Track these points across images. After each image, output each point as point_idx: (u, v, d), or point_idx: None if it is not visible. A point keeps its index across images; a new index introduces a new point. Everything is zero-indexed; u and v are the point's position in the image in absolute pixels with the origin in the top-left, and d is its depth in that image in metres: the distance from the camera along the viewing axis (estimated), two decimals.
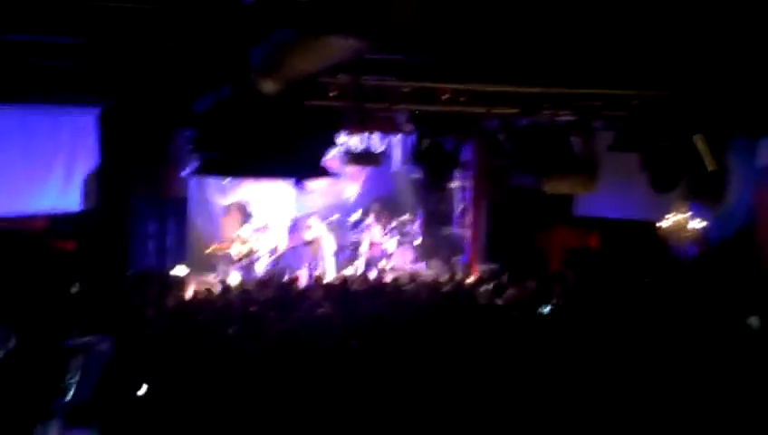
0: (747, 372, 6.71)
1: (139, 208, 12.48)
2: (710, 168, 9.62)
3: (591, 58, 6.99)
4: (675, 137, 9.38)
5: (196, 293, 10.42)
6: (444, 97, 9.93)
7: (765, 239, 11.81)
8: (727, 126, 9.68)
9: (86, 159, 11.86)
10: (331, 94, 9.13)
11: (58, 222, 11.71)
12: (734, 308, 9.12)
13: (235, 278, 12.74)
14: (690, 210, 11.71)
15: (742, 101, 8.42)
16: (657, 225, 11.57)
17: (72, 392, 6.85)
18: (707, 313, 9.08)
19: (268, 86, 4.18)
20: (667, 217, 11.62)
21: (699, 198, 12.02)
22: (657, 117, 9.47)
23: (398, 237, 15.61)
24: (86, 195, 11.89)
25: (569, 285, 10.68)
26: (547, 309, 9.01)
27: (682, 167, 9.81)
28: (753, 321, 8.47)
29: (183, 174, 13.05)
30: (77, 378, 7.22)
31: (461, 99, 9.90)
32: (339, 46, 2.93)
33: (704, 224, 11.67)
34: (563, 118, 9.78)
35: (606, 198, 12.71)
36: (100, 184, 12.02)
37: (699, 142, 9.44)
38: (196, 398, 5.84)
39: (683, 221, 11.52)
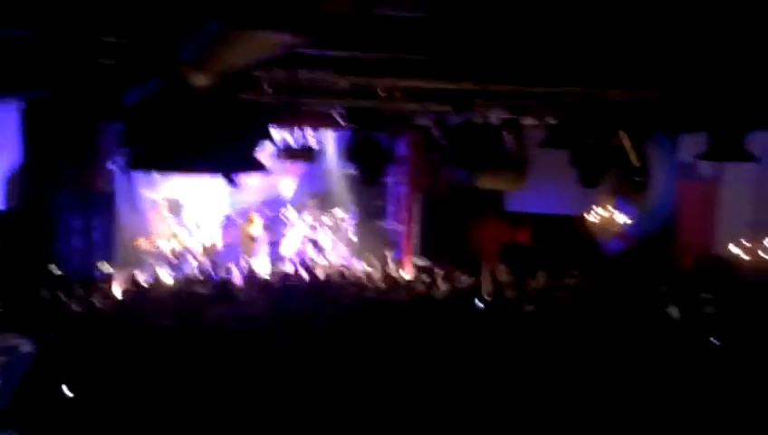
0: (668, 359, 6.97)
1: (64, 204, 12.11)
2: (635, 163, 9.93)
3: (524, 56, 7.10)
4: (602, 134, 9.63)
5: (125, 290, 10.14)
6: (379, 93, 9.93)
7: (687, 234, 12.29)
8: (650, 123, 10.00)
9: (9, 154, 11.43)
10: (265, 88, 9.02)
11: None
12: (656, 299, 9.47)
13: (164, 275, 12.46)
14: (616, 206, 12.06)
15: (664, 98, 8.70)
16: (587, 219, 11.87)
17: None
18: (631, 304, 9.40)
19: (199, 80, 4.08)
20: (594, 212, 11.94)
21: (625, 194, 12.38)
22: (586, 115, 9.70)
23: (331, 233, 15.58)
24: (9, 191, 11.46)
25: (500, 280, 10.88)
26: (481, 305, 9.14)
27: (608, 163, 10.09)
28: (673, 311, 8.82)
29: (110, 167, 12.71)
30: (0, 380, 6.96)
31: (396, 95, 9.93)
32: (271, 41, 2.88)
33: (629, 220, 12.03)
34: (496, 115, 9.92)
35: (536, 193, 12.97)
36: (24, 180, 11.60)
37: (624, 139, 9.73)
38: (123, 398, 5.71)
39: (609, 216, 11.85)
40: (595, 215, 11.95)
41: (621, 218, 11.94)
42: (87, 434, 5.24)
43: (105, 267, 12.12)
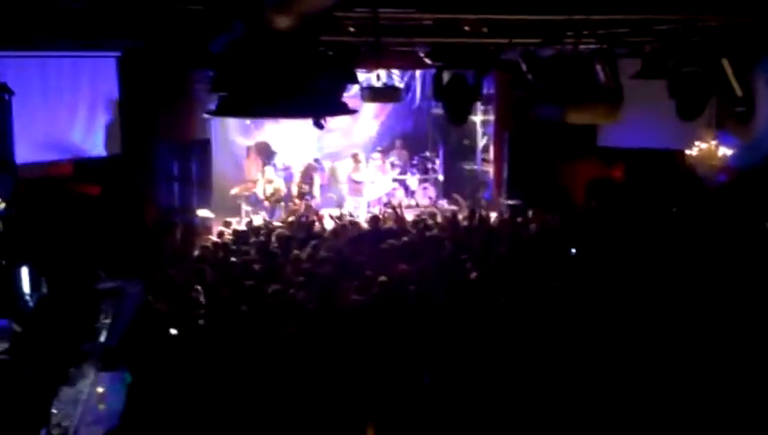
0: None
1: (162, 151, 12.52)
2: (738, 93, 9.37)
3: None
4: (701, 62, 9.11)
5: (221, 234, 10.49)
6: (465, 28, 9.69)
7: None
8: (755, 49, 9.38)
9: (108, 104, 11.90)
10: (348, 29, 8.95)
11: (82, 167, 11.82)
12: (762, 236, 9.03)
13: (258, 220, 12.79)
14: (717, 138, 11.48)
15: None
16: (687, 153, 11.35)
17: (104, 335, 7.02)
18: (736, 242, 9.00)
19: (282, 22, 4.08)
20: (694, 145, 11.40)
21: (727, 125, 11.76)
22: (684, 42, 9.19)
23: (418, 174, 15.54)
24: (109, 139, 11.96)
25: (594, 220, 10.61)
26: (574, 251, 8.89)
27: (709, 93, 9.57)
28: None
29: (204, 115, 13.04)
30: (109, 321, 7.39)
31: (483, 29, 9.66)
32: None
33: (731, 152, 11.44)
34: (587, 46, 9.53)
35: (631, 127, 12.48)
36: (123, 128, 12.07)
37: (727, 67, 9.18)
38: (222, 340, 5.94)
39: (711, 149, 11.29)
40: (695, 148, 11.40)
41: (723, 151, 11.36)
42: (191, 372, 5.49)
43: (204, 213, 12.54)
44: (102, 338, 6.96)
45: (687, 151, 11.50)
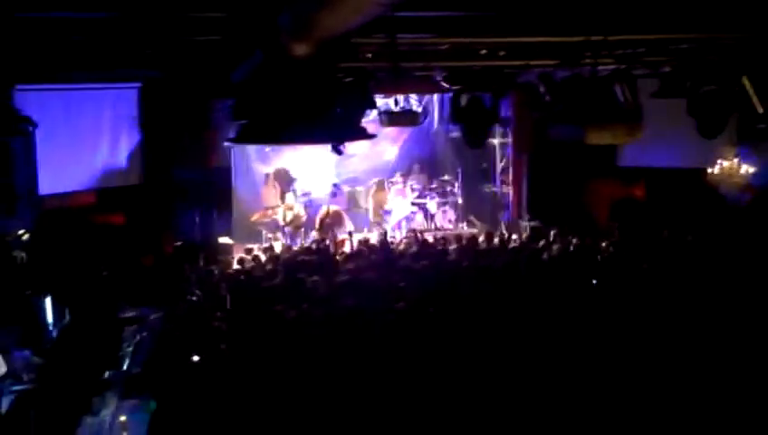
0: None
1: (183, 179, 12.64)
2: (759, 110, 9.30)
3: (631, 3, 6.75)
4: (721, 80, 9.06)
5: (242, 261, 10.52)
6: (482, 52, 9.73)
7: None
8: None
9: (130, 134, 12.05)
10: (365, 55, 9.01)
11: (105, 197, 11.95)
12: None
13: (278, 246, 12.82)
14: (739, 155, 11.37)
15: None
16: (709, 171, 11.25)
17: (126, 363, 7.04)
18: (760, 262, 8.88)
19: (300, 49, 4.12)
20: (716, 163, 11.30)
21: (748, 143, 11.66)
22: (702, 61, 9.15)
23: (438, 198, 15.53)
24: (131, 168, 12.10)
25: (616, 241, 10.53)
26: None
27: (729, 110, 9.50)
28: None
29: (225, 143, 13.18)
30: (131, 349, 7.42)
31: (500, 53, 9.69)
32: (368, 0, 2.85)
33: (753, 169, 11.32)
34: (605, 67, 9.52)
35: (651, 146, 12.40)
36: (145, 157, 12.21)
37: (747, 84, 9.12)
38: (245, 366, 5.93)
39: (733, 167, 11.18)
40: (717, 166, 11.29)
41: (746, 168, 11.24)
42: (215, 397, 5.48)
43: (225, 240, 12.61)
44: (125, 366, 6.98)
45: (709, 169, 11.40)
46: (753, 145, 11.59)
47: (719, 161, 11.28)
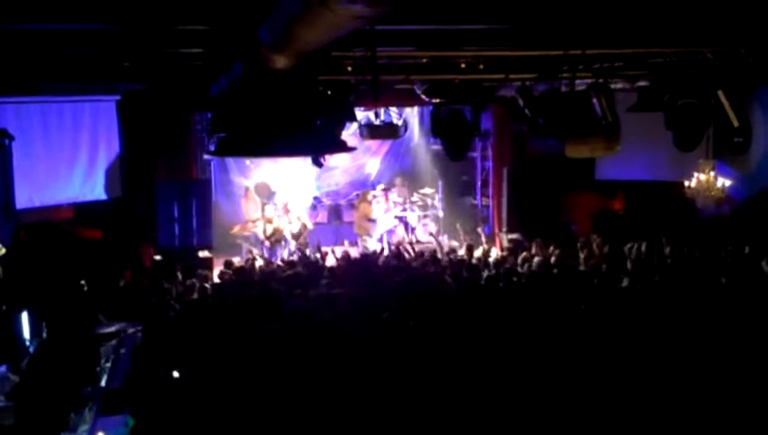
0: None
1: (162, 192, 12.57)
2: (735, 123, 9.42)
3: (609, 17, 6.84)
4: (697, 94, 9.18)
5: (222, 274, 10.44)
6: (462, 65, 9.81)
7: None
8: (751, 79, 9.45)
9: (108, 147, 11.97)
10: (346, 68, 9.05)
11: (83, 211, 11.83)
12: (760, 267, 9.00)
13: (259, 260, 12.75)
14: (715, 168, 11.51)
15: (764, 52, 8.20)
16: (686, 184, 11.37)
17: (104, 379, 6.95)
18: (736, 273, 8.97)
19: (280, 62, 4.12)
20: (692, 176, 11.42)
21: (724, 156, 11.81)
22: (679, 74, 9.27)
23: (419, 211, 15.54)
24: (110, 182, 12.00)
25: (594, 251, 10.58)
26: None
27: (706, 124, 9.62)
28: None
29: (205, 156, 13.14)
30: (109, 365, 7.33)
31: (479, 66, 9.78)
32: (346, 14, 2.86)
33: (730, 182, 11.46)
34: (583, 80, 9.63)
35: (628, 160, 12.54)
36: (123, 171, 12.12)
37: (723, 98, 9.25)
38: (225, 380, 5.87)
39: (710, 180, 11.31)
40: (694, 179, 11.41)
41: (722, 182, 11.37)
42: (195, 414, 5.42)
43: (204, 253, 12.52)
44: (103, 382, 6.90)
45: (686, 183, 11.52)
46: (729, 158, 11.73)
47: (695, 175, 11.40)
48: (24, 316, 8.52)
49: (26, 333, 8.50)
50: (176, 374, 6.14)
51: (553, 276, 9.24)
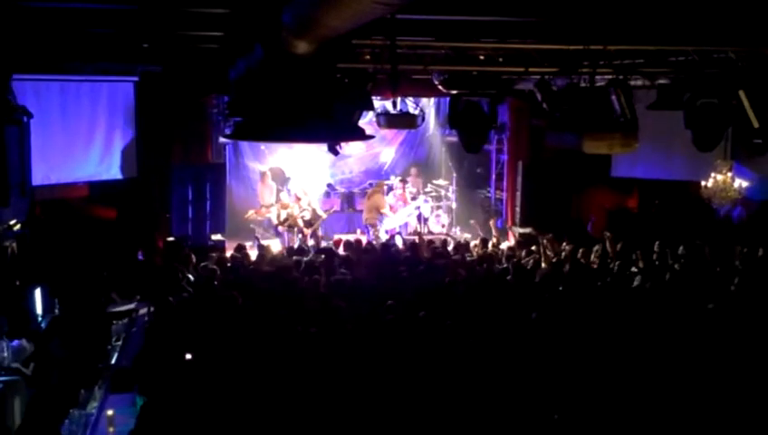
0: None
1: (177, 175, 12.62)
2: (755, 124, 9.32)
3: (631, 13, 6.79)
4: (717, 94, 9.09)
5: (232, 258, 10.47)
6: (481, 57, 9.76)
7: None
8: None
9: (125, 127, 12.01)
10: (365, 57, 9.03)
11: (98, 190, 11.90)
12: None
13: (274, 244, 12.77)
14: (733, 169, 11.40)
15: None
16: (702, 184, 11.27)
17: (115, 357, 7.00)
18: (751, 276, 8.91)
19: (301, 47, 4.12)
20: (709, 176, 11.32)
21: (742, 157, 11.70)
22: (700, 73, 9.19)
23: (432, 202, 15.49)
24: (125, 162, 12.05)
25: (607, 250, 10.53)
26: None
27: (725, 124, 9.52)
28: None
29: (220, 140, 13.16)
30: (120, 343, 7.38)
31: (498, 59, 9.73)
32: (373, 1, 2.84)
33: (747, 184, 11.35)
34: (603, 76, 9.56)
35: (645, 158, 12.45)
36: (139, 151, 12.17)
37: (743, 99, 9.14)
38: (236, 363, 5.90)
39: (727, 181, 11.20)
40: (711, 179, 11.31)
41: (739, 183, 11.26)
42: (204, 393, 5.45)
43: (217, 237, 12.57)
44: (113, 360, 6.95)
45: (703, 183, 11.42)
46: (747, 160, 11.62)
47: (712, 175, 11.29)
48: (38, 292, 8.60)
49: (39, 309, 8.57)
50: (188, 356, 6.18)
51: (564, 275, 9.21)
